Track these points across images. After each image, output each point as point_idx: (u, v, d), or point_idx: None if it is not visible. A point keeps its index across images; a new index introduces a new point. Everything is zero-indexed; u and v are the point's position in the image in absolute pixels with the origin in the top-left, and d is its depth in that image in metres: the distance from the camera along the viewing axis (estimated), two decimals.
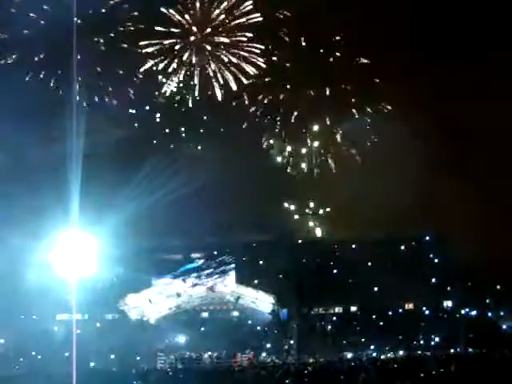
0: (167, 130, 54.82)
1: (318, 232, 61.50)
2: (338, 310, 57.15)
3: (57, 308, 54.31)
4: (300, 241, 61.84)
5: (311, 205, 57.90)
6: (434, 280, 56.08)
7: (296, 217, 58.42)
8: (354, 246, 59.94)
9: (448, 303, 56.91)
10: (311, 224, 59.75)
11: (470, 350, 43.89)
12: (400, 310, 56.66)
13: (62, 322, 55.81)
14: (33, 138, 43.75)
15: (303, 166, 56.32)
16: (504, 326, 53.13)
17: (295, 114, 53.04)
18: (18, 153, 45.40)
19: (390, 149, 51.68)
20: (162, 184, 48.02)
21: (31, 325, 55.04)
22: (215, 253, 58.64)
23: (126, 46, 49.85)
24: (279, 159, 56.63)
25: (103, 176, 48.31)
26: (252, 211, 58.00)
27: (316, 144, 55.61)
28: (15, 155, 45.60)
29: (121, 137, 50.21)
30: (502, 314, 53.60)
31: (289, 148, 55.94)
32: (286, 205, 58.10)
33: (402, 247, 59.74)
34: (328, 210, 57.67)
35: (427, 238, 61.03)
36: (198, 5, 49.08)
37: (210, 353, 51.34)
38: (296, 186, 57.16)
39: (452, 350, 45.68)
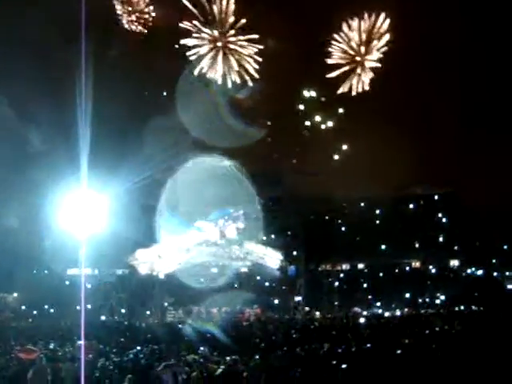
0: None
1: (327, 189, 61.85)
2: (345, 267, 57.82)
3: (68, 263, 55.34)
4: (309, 198, 62.25)
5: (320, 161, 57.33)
6: (441, 239, 56.44)
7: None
8: (362, 204, 60.24)
9: (454, 262, 57.41)
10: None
11: (475, 308, 44.28)
12: (407, 268, 57.23)
13: (73, 276, 56.86)
14: (45, 98, 43.59)
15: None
16: (510, 286, 53.61)
17: None
18: (29, 111, 45.29)
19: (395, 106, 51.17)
20: (171, 143, 48.17)
21: (43, 280, 56.17)
22: (225, 209, 58.95)
23: None
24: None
25: (114, 135, 48.52)
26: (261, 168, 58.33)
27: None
28: (26, 113, 45.48)
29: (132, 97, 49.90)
30: (507, 274, 54.03)
31: None
32: (294, 161, 57.73)
33: (411, 206, 59.89)
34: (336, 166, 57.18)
35: (436, 197, 61.19)
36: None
37: (218, 307, 52.06)
38: (306, 142, 56.71)
39: (456, 309, 46.10)
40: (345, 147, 54.39)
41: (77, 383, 13.74)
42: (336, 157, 54.78)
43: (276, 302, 53.43)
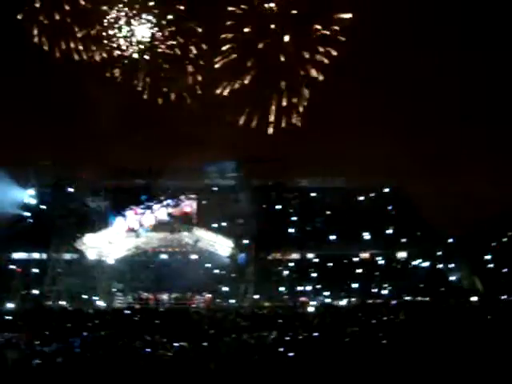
0: None
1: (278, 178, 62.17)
2: (295, 256, 58.16)
3: (14, 246, 54.29)
4: (259, 186, 62.44)
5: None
6: (389, 231, 57.37)
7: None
8: (313, 194, 60.73)
9: (402, 254, 58.51)
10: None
11: (419, 298, 45.31)
12: (356, 259, 57.96)
13: (19, 261, 55.68)
14: None
15: None
16: (452, 278, 54.97)
17: None
18: None
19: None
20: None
21: None
22: (176, 194, 58.64)
23: None
24: None
25: None
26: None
27: None
28: None
29: None
30: (451, 266, 55.35)
31: None
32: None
33: (361, 197, 60.61)
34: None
35: (386, 189, 62.16)
36: None
37: (167, 294, 51.82)
38: None
39: (402, 299, 47.05)
40: None
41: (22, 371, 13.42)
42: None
43: (225, 289, 53.37)
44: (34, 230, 55.23)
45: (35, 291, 50.59)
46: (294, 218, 58.37)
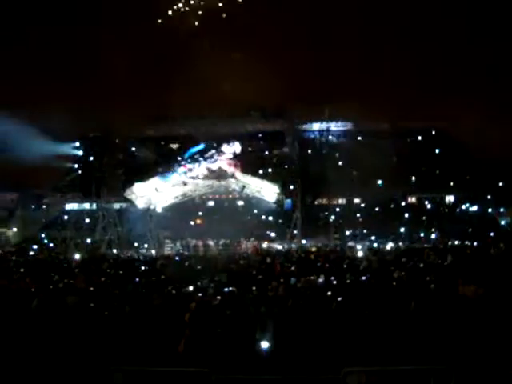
0: None
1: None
2: (341, 201, 58.14)
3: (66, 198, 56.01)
4: (305, 130, 62.09)
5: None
6: (437, 174, 56.56)
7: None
8: (359, 138, 60.06)
9: (450, 198, 57.80)
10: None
11: (468, 243, 44.79)
12: (402, 203, 57.62)
13: (72, 211, 57.40)
14: None
15: None
16: (502, 222, 54.17)
17: None
18: None
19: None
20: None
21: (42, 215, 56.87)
22: (221, 141, 58.88)
23: None
24: None
25: None
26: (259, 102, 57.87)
27: None
28: None
29: None
30: (501, 210, 54.47)
31: None
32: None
33: (407, 140, 59.72)
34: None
35: (432, 131, 60.99)
36: None
37: (215, 240, 52.68)
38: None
39: (450, 243, 46.64)
40: None
41: (82, 315, 13.94)
42: None
43: (272, 234, 53.97)
44: (84, 181, 56.58)
45: (88, 240, 52.19)
46: (340, 163, 57.99)
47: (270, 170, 58.17)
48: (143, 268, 30.90)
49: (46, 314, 14.30)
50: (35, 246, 48.96)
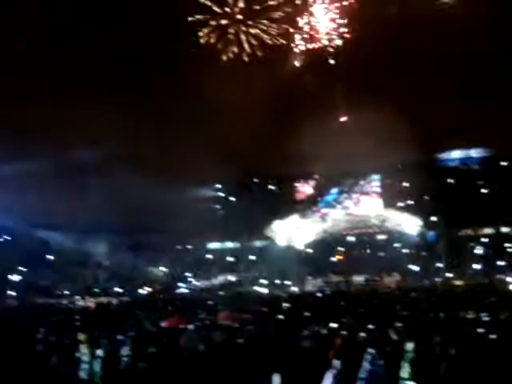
0: None
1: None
2: (487, 231, 55.21)
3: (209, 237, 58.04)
4: (445, 159, 60.13)
5: None
6: None
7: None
8: (502, 163, 57.18)
9: None
10: None
11: None
12: None
13: (215, 250, 59.41)
14: None
15: None
16: None
17: None
18: None
19: None
20: None
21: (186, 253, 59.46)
22: (360, 177, 58.59)
23: None
24: None
25: None
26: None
27: None
28: None
29: None
30: None
31: None
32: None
33: None
34: None
35: None
36: None
37: (357, 276, 52.03)
38: None
39: None
40: None
41: (228, 352, 14.27)
42: None
43: (416, 268, 52.28)
44: (226, 221, 58.47)
45: (231, 278, 53.64)
46: (485, 191, 55.42)
47: (410, 202, 56.75)
48: (286, 305, 31.04)
49: (194, 350, 14.77)
50: (182, 284, 50.96)
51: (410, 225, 55.62)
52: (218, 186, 62.69)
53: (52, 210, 46.50)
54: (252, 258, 54.74)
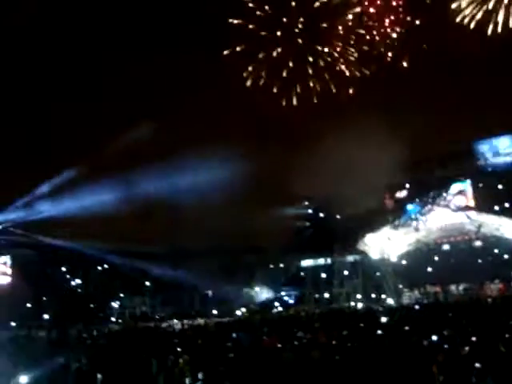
0: None
1: None
2: None
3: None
4: None
5: None
6: None
7: None
8: None
9: None
10: None
11: None
12: None
13: (308, 267, 59.39)
14: None
15: None
16: None
17: None
18: None
19: None
20: None
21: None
22: (449, 181, 57.35)
23: None
24: None
25: None
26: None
27: None
28: None
29: None
30: None
31: None
32: None
33: None
34: None
35: None
36: None
37: (455, 285, 50.46)
38: None
39: None
40: None
41: (327, 369, 14.17)
42: None
43: None
44: (317, 238, 58.39)
45: (326, 294, 53.32)
46: None
47: (507, 204, 54.56)
48: (383, 319, 30.41)
49: (293, 369, 14.73)
50: (277, 304, 51.11)
51: (509, 229, 53.34)
52: (306, 203, 62.71)
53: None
54: (345, 273, 54.23)
